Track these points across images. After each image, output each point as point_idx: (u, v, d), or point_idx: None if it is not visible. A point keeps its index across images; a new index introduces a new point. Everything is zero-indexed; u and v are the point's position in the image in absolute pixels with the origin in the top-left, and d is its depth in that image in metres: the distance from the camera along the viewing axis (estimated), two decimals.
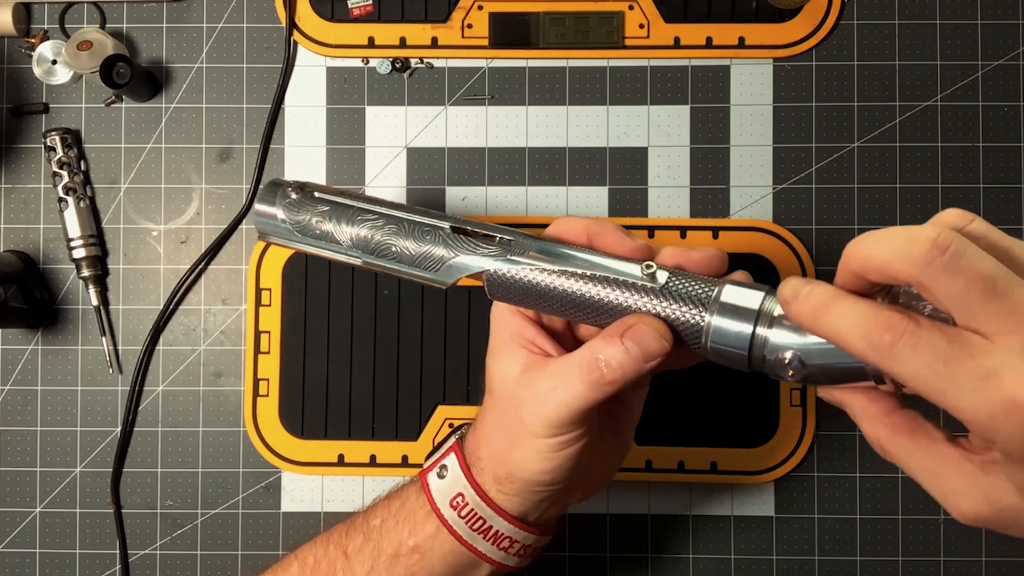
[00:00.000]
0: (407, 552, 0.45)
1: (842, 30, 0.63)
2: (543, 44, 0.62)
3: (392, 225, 0.45)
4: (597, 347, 0.40)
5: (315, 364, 0.62)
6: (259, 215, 0.47)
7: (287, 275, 0.62)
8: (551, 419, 0.41)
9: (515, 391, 0.42)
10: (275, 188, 0.47)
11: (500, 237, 0.44)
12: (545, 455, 0.42)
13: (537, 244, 0.43)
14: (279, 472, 0.62)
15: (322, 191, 0.47)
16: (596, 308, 0.42)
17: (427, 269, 0.44)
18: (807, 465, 0.61)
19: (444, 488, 0.45)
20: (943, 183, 0.62)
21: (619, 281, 0.41)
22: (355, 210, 0.45)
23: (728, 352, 0.39)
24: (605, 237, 0.43)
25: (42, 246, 0.63)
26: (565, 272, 0.42)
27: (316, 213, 0.46)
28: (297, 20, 0.63)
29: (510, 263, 0.42)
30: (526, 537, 0.45)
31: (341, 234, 0.45)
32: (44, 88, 0.64)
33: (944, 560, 0.61)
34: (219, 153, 0.64)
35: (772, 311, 0.38)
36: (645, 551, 0.62)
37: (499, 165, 0.63)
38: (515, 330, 0.44)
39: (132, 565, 0.62)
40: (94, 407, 0.63)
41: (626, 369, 0.40)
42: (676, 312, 0.40)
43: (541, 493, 0.44)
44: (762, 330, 0.38)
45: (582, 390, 0.40)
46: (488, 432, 0.44)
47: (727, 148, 0.63)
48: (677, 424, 0.61)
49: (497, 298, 0.44)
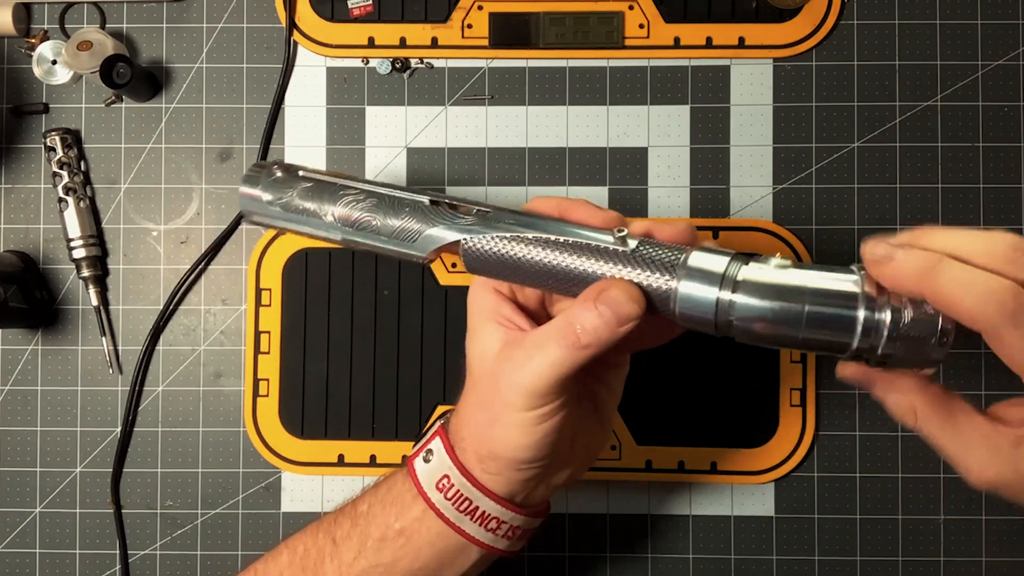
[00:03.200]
0: (393, 535, 0.45)
1: (842, 30, 0.63)
2: (543, 44, 0.62)
3: (372, 199, 0.45)
4: (572, 313, 0.41)
5: (315, 364, 0.62)
6: (244, 194, 0.48)
7: (287, 275, 0.62)
8: (529, 388, 0.41)
9: (494, 367, 0.43)
10: (260, 169, 0.48)
11: (477, 209, 0.44)
12: (525, 429, 0.42)
13: (513, 215, 0.44)
14: (279, 472, 0.62)
15: (307, 171, 0.48)
16: (570, 276, 0.42)
17: (404, 241, 0.45)
18: (807, 465, 0.61)
19: (430, 471, 0.45)
20: (943, 183, 0.62)
21: (591, 247, 0.42)
22: (336, 187, 0.46)
23: (695, 316, 0.40)
24: (577, 209, 0.44)
25: (42, 246, 0.63)
26: (539, 239, 0.42)
27: (299, 191, 0.47)
28: (297, 20, 0.63)
29: (486, 231, 0.43)
30: (513, 518, 0.45)
31: (323, 211, 0.46)
32: (44, 88, 0.64)
33: (944, 560, 0.61)
34: (219, 153, 0.64)
35: (736, 275, 0.38)
36: (645, 551, 0.62)
37: (499, 165, 0.63)
38: (492, 308, 0.45)
39: (132, 565, 0.62)
40: (94, 407, 0.63)
41: (600, 333, 0.40)
42: (646, 277, 0.40)
43: (525, 471, 0.44)
44: (727, 294, 0.38)
45: (559, 356, 0.41)
46: (469, 411, 0.44)
47: (727, 148, 0.63)
48: (677, 424, 0.61)
49: (474, 270, 0.44)
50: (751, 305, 0.38)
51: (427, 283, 0.62)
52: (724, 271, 0.39)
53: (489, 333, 0.44)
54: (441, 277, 0.62)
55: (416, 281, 0.62)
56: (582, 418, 0.45)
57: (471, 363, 0.45)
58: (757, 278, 0.38)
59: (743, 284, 0.38)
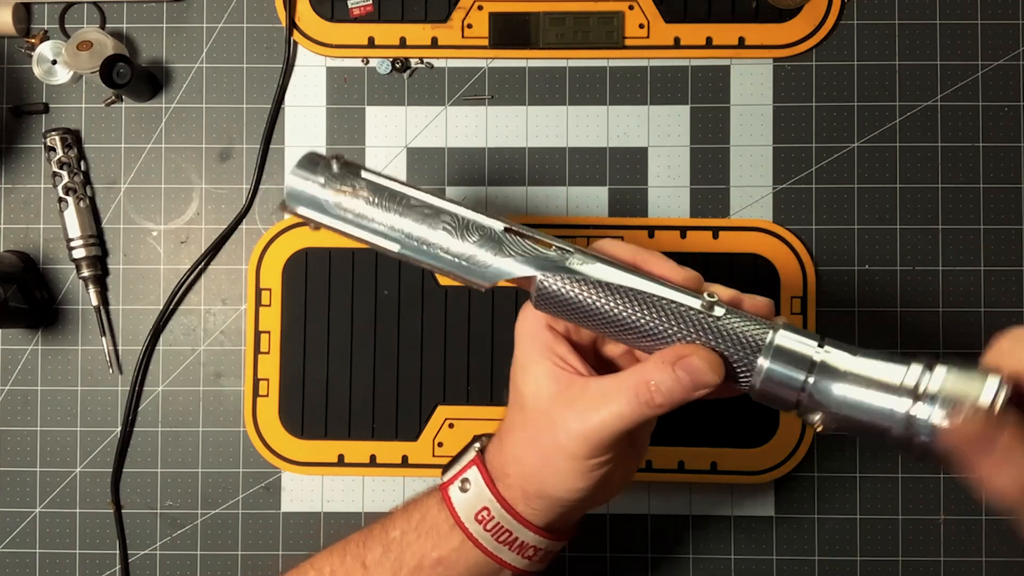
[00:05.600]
0: (431, 564, 0.45)
1: (842, 30, 0.63)
2: (543, 44, 0.62)
3: (444, 216, 0.42)
4: (649, 372, 0.41)
5: (315, 364, 0.62)
6: (295, 184, 0.43)
7: (287, 275, 0.62)
8: (592, 439, 0.41)
9: (551, 409, 0.42)
10: (316, 159, 0.44)
11: (556, 246, 0.42)
12: (581, 475, 0.42)
13: (595, 259, 0.42)
14: (279, 472, 0.62)
15: (369, 171, 0.44)
16: (649, 333, 0.41)
17: (474, 267, 0.42)
18: (807, 465, 0.61)
19: (468, 502, 0.45)
20: (943, 183, 0.62)
21: (677, 308, 0.41)
22: (403, 196, 0.43)
23: (776, 395, 0.40)
24: (657, 263, 0.43)
25: (42, 246, 0.63)
26: (622, 290, 0.41)
27: (360, 191, 0.43)
28: (297, 20, 0.63)
29: (568, 273, 0.41)
30: (550, 544, 0.46)
31: (383, 219, 0.43)
32: (44, 88, 0.64)
33: (944, 560, 0.61)
34: (219, 153, 0.64)
35: (820, 360, 0.39)
36: (645, 551, 0.62)
37: (499, 165, 0.63)
38: (546, 345, 0.43)
39: (132, 565, 0.62)
40: (94, 407, 0.63)
41: (675, 395, 0.40)
42: (730, 348, 0.40)
43: (570, 506, 0.44)
44: (812, 379, 0.39)
45: (627, 411, 0.41)
46: (518, 450, 0.44)
47: (727, 148, 0.63)
48: (677, 424, 0.61)
49: (542, 307, 0.43)
50: (834, 394, 0.39)
51: (427, 283, 0.62)
52: (813, 356, 0.39)
53: (543, 372, 0.43)
54: (441, 278, 0.62)
55: (416, 281, 0.62)
56: (624, 452, 0.45)
57: (522, 399, 0.44)
58: (844, 367, 0.39)
59: (829, 370, 0.39)
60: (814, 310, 0.62)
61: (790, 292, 0.62)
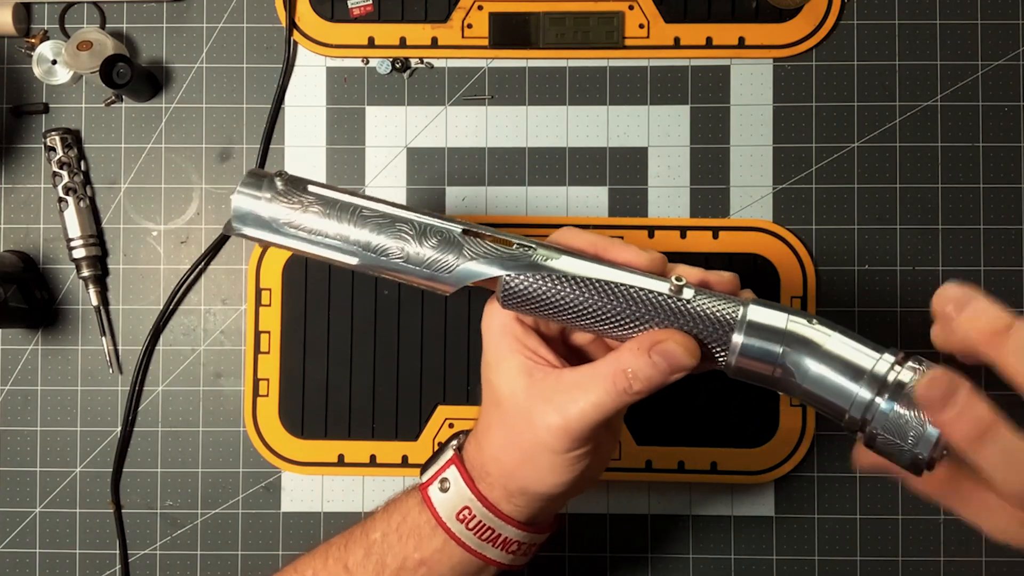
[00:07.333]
0: (413, 565, 0.45)
1: (842, 30, 0.63)
2: (543, 44, 0.62)
3: (399, 224, 0.42)
4: (625, 360, 0.40)
5: (315, 364, 0.62)
6: (241, 204, 0.42)
7: (287, 275, 0.62)
8: (571, 431, 0.41)
9: (528, 404, 0.42)
10: (259, 178, 0.42)
11: (517, 243, 0.42)
12: (561, 469, 0.42)
13: (559, 252, 0.42)
14: (279, 472, 0.62)
15: (315, 184, 0.43)
16: (621, 322, 0.41)
17: (438, 272, 0.42)
18: (807, 465, 0.61)
19: (448, 502, 0.44)
20: (943, 183, 0.62)
21: (647, 295, 0.41)
22: (354, 207, 0.42)
23: (751, 371, 0.40)
24: (618, 250, 0.43)
25: (42, 246, 0.63)
26: (590, 282, 0.41)
27: (308, 208, 0.42)
28: (297, 20, 0.63)
29: (533, 270, 0.41)
30: (533, 538, 0.46)
31: (337, 233, 0.42)
32: (44, 88, 0.64)
33: (944, 560, 0.61)
34: (219, 153, 0.64)
35: (795, 332, 0.39)
36: (645, 551, 0.62)
37: (499, 165, 0.63)
38: (518, 339, 0.43)
39: (132, 565, 0.62)
40: (94, 407, 0.63)
41: (653, 381, 0.40)
42: (704, 329, 0.40)
43: (553, 499, 0.44)
44: (785, 348, 0.39)
45: (605, 400, 0.40)
46: (498, 449, 0.44)
47: (727, 148, 0.63)
48: (677, 424, 0.61)
49: (510, 306, 0.42)
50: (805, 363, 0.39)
51: None
52: (785, 328, 0.39)
53: (516, 367, 0.43)
54: None
55: None
56: (602, 440, 0.45)
57: (497, 395, 0.43)
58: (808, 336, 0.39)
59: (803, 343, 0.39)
60: (814, 310, 0.62)
61: (790, 292, 0.62)
